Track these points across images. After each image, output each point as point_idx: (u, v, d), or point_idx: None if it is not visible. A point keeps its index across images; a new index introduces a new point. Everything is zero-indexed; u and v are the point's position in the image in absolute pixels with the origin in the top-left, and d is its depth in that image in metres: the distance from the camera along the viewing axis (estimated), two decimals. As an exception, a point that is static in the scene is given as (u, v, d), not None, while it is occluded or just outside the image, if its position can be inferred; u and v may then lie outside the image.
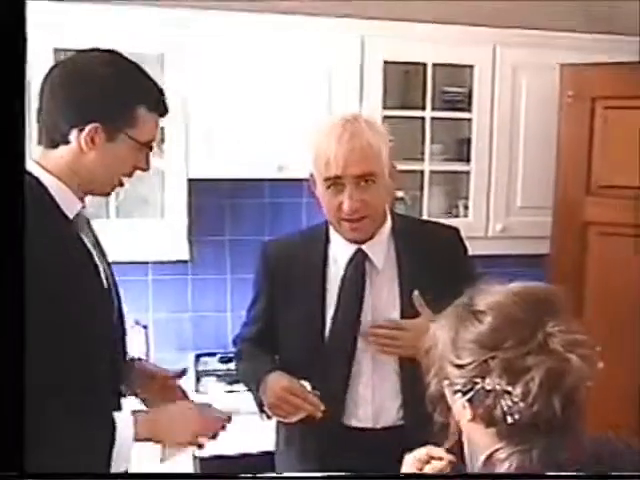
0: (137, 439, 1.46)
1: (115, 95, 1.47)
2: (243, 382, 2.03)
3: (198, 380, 2.84)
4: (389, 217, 1.89)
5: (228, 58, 2.73)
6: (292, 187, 3.00)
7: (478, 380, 1.05)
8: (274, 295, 1.92)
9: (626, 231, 2.57)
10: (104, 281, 1.55)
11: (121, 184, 1.58)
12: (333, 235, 1.87)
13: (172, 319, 3.14)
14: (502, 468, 1.06)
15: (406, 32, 2.85)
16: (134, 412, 1.49)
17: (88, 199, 2.81)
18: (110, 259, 2.75)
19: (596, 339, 2.70)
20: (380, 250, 1.85)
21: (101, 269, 1.55)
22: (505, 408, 1.03)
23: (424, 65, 2.94)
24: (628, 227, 2.56)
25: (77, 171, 1.48)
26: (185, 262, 2.97)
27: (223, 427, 1.61)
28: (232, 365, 2.98)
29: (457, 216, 3.08)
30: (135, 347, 2.84)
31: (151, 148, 1.56)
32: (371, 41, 2.83)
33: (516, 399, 1.02)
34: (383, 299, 1.84)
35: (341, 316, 1.83)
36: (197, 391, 2.75)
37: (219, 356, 3.07)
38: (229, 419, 1.62)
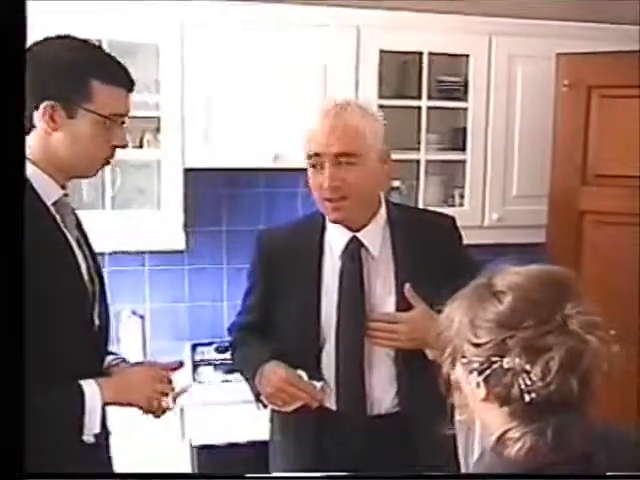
0: (104, 404, 1.53)
1: (65, 71, 1.49)
2: (239, 371, 2.02)
3: (195, 369, 2.85)
4: (384, 205, 1.90)
5: (224, 48, 2.72)
6: (288, 177, 3.00)
7: (496, 359, 1.06)
8: (270, 284, 1.92)
9: (622, 220, 2.58)
10: (83, 271, 1.56)
11: (105, 163, 1.59)
12: (329, 223, 1.87)
13: (168, 309, 3.14)
14: (514, 448, 1.07)
15: (402, 22, 2.84)
16: (96, 379, 1.54)
17: (85, 190, 2.83)
18: (107, 250, 2.78)
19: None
20: (375, 238, 1.85)
21: (80, 258, 1.56)
22: (523, 386, 1.04)
23: (420, 54, 2.94)
24: (624, 216, 2.57)
25: (50, 155, 1.51)
26: (181, 252, 2.97)
27: (178, 368, 1.72)
28: (229, 354, 3.00)
29: (453, 205, 3.08)
30: (132, 337, 2.86)
31: (122, 122, 1.57)
32: (367, 30, 2.83)
33: (535, 378, 1.03)
34: (379, 287, 1.85)
35: (345, 308, 1.83)
36: (194, 380, 2.75)
37: (215, 345, 3.07)
38: (181, 364, 1.74)
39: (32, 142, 1.51)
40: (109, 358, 1.73)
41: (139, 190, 2.87)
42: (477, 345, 1.08)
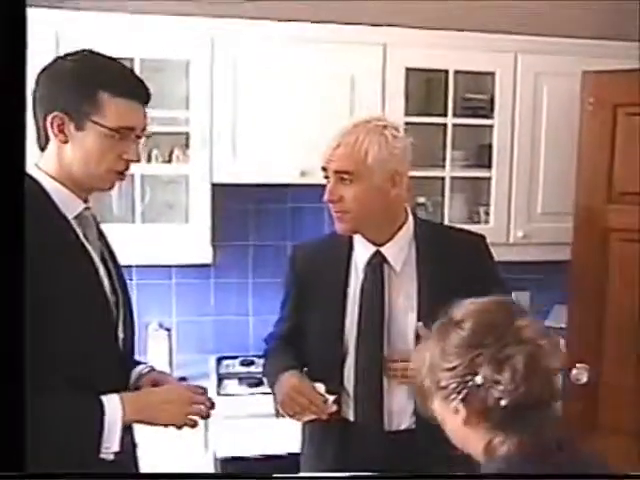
0: (125, 421, 1.47)
1: (74, 82, 1.49)
2: (265, 380, 2.07)
3: (220, 383, 2.87)
4: (411, 220, 1.91)
5: (252, 65, 2.77)
6: (314, 192, 3.00)
7: (469, 377, 1.18)
8: (301, 296, 1.98)
9: (648, 238, 2.57)
10: (106, 283, 1.56)
11: (120, 177, 1.57)
12: (356, 238, 1.90)
13: (195, 322, 3.17)
14: (502, 451, 1.19)
15: (428, 39, 2.87)
16: (121, 395, 1.49)
17: (115, 204, 2.88)
18: (135, 263, 2.82)
19: (618, 345, 2.70)
20: (399, 253, 1.87)
21: (102, 271, 1.56)
22: (497, 395, 1.16)
23: (446, 72, 2.96)
24: (650, 234, 2.56)
25: (66, 169, 1.51)
26: (208, 266, 3.00)
27: (212, 406, 1.62)
28: (253, 368, 3.03)
29: (478, 222, 3.08)
30: (158, 349, 2.89)
31: (138, 137, 1.55)
32: (393, 49, 2.86)
33: (505, 384, 1.15)
34: (400, 302, 1.86)
35: (365, 322, 1.86)
36: (219, 394, 2.78)
37: (240, 359, 3.10)
38: (212, 404, 1.63)
39: (49, 156, 1.52)
40: (139, 368, 1.74)
41: (168, 205, 2.91)
42: (450, 369, 1.20)
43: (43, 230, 1.42)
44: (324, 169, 1.82)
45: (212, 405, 1.63)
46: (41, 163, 1.54)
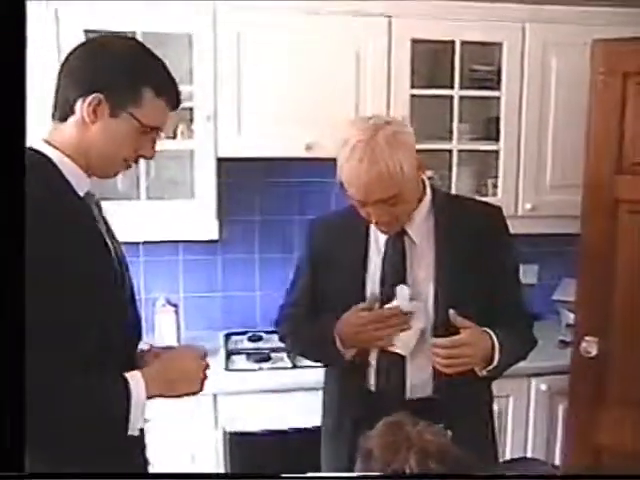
0: (149, 397, 1.49)
1: (124, 70, 1.49)
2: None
3: (228, 358, 2.88)
4: (429, 192, 1.92)
5: (256, 38, 2.73)
6: (321, 166, 3.00)
7: None
8: (317, 273, 2.00)
9: (658, 209, 2.55)
10: (115, 261, 1.58)
11: (126, 167, 1.58)
12: None
13: (202, 298, 3.18)
14: None
15: (434, 10, 2.83)
16: (142, 371, 1.51)
17: (119, 180, 2.87)
18: (141, 239, 2.82)
19: (628, 317, 2.69)
20: (419, 225, 1.89)
21: (111, 248, 1.57)
22: None
23: (452, 43, 2.92)
24: (660, 205, 2.54)
25: (83, 148, 1.50)
26: (215, 242, 3.00)
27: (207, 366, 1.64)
28: (261, 343, 3.04)
29: (486, 195, 3.06)
30: (166, 326, 2.89)
31: (157, 135, 1.58)
32: (398, 20, 2.81)
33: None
34: (421, 274, 1.88)
35: (387, 295, 1.88)
36: (227, 369, 2.79)
37: (248, 335, 3.10)
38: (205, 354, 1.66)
39: (66, 132, 1.50)
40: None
41: (173, 180, 2.90)
42: None
43: (61, 207, 1.44)
44: (358, 200, 1.78)
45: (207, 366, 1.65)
46: (53, 137, 1.52)
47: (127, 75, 1.49)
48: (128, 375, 1.48)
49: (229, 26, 2.71)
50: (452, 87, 2.96)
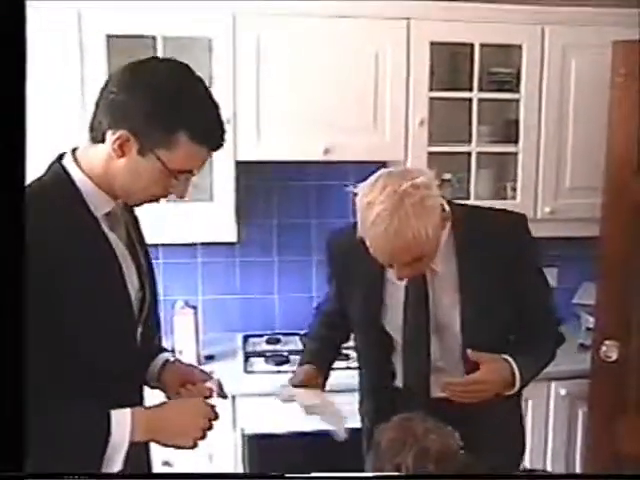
0: (135, 440, 1.40)
1: (159, 111, 1.39)
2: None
3: (247, 360, 2.89)
4: (448, 212, 1.80)
5: (275, 42, 2.74)
6: (338, 169, 3.02)
7: None
8: (340, 281, 2.02)
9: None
10: (132, 279, 1.53)
11: (155, 201, 1.53)
12: None
13: (220, 301, 3.19)
14: None
15: (453, 13, 2.82)
16: (133, 411, 1.42)
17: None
18: (161, 242, 2.83)
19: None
20: (439, 253, 1.80)
21: (127, 268, 1.52)
22: None
23: (471, 45, 2.91)
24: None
25: (109, 177, 1.45)
26: (233, 244, 3.01)
27: (216, 417, 1.55)
28: (279, 346, 3.04)
29: (505, 198, 3.05)
30: (185, 328, 2.91)
31: (190, 175, 1.50)
32: (417, 22, 2.81)
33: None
34: (445, 300, 1.86)
35: (411, 323, 1.88)
36: (246, 371, 2.80)
37: (266, 337, 3.11)
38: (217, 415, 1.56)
39: (96, 157, 1.45)
40: (165, 355, 1.74)
41: (192, 183, 2.90)
42: None
43: (65, 227, 1.40)
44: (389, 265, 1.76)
45: (216, 416, 1.55)
46: (82, 157, 1.48)
47: (162, 117, 1.39)
48: (114, 414, 1.39)
49: (248, 30, 2.72)
50: (471, 89, 2.95)
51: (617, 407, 2.66)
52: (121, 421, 1.39)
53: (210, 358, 2.91)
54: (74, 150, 1.50)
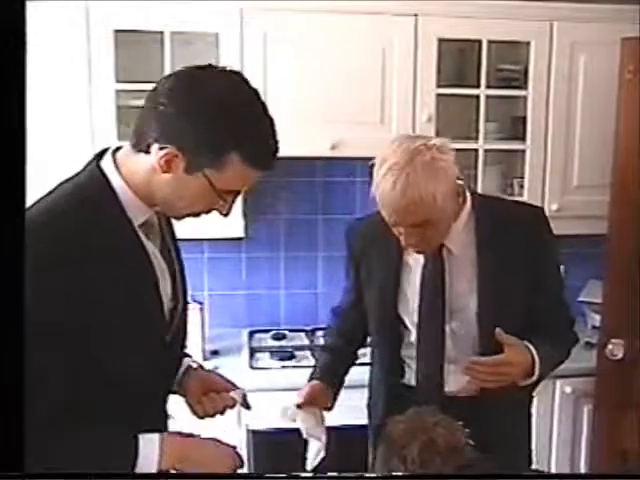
0: (162, 467, 1.37)
1: (212, 130, 1.31)
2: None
3: (252, 356, 2.89)
4: (469, 199, 1.86)
5: (282, 38, 2.74)
6: (345, 165, 3.02)
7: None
8: (358, 273, 2.02)
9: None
10: (166, 289, 1.50)
11: (195, 215, 1.48)
12: None
13: (227, 296, 3.19)
14: None
15: (460, 9, 2.81)
16: (162, 437, 1.39)
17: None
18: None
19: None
20: (458, 236, 1.83)
21: (162, 278, 1.48)
22: None
23: (479, 42, 2.90)
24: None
25: (150, 188, 1.38)
26: (240, 240, 3.01)
27: (242, 464, 1.53)
28: (285, 342, 3.05)
29: (512, 195, 3.04)
30: (191, 323, 2.91)
31: (237, 195, 1.45)
32: (425, 19, 2.81)
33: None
34: (462, 286, 1.86)
35: (426, 309, 1.88)
36: (251, 367, 2.80)
37: (272, 333, 3.12)
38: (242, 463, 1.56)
39: (139, 167, 1.37)
40: (186, 360, 1.71)
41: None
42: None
43: (104, 235, 1.35)
44: (392, 223, 1.76)
45: (242, 464, 1.54)
46: (122, 163, 1.40)
47: (215, 137, 1.31)
48: (142, 439, 1.36)
49: (255, 25, 2.72)
50: (478, 86, 2.94)
51: (623, 405, 2.65)
52: (149, 445, 1.36)
53: (215, 353, 2.91)
54: (114, 152, 1.43)
